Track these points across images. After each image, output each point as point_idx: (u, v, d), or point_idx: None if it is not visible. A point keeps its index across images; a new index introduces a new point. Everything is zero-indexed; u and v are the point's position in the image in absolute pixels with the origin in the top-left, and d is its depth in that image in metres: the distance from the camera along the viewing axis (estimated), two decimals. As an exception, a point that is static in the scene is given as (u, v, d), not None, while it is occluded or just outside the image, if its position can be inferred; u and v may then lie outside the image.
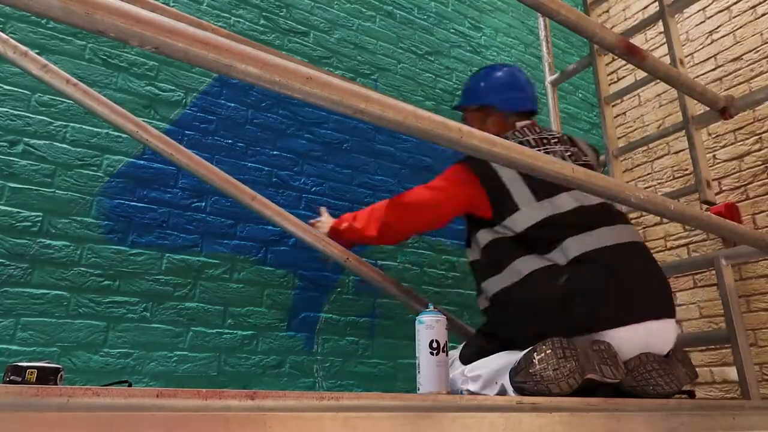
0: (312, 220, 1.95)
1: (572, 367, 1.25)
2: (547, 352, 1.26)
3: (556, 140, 1.78)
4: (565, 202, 1.58)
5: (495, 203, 1.60)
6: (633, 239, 1.57)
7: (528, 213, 1.55)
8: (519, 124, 1.83)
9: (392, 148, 2.74)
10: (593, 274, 1.44)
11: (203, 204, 2.18)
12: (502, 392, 1.36)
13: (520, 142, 1.71)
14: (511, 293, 1.50)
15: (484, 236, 1.64)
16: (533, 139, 1.76)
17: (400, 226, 1.73)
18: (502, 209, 1.58)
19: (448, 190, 1.67)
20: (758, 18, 3.00)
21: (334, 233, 1.86)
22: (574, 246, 1.48)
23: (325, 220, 1.93)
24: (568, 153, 1.75)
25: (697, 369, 1.54)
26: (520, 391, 1.29)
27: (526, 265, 1.50)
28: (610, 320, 1.40)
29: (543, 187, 1.57)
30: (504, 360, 1.41)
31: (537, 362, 1.26)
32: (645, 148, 3.43)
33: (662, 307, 1.50)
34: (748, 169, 2.93)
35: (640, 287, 1.47)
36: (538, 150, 1.69)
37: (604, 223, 1.54)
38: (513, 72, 1.98)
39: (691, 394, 1.62)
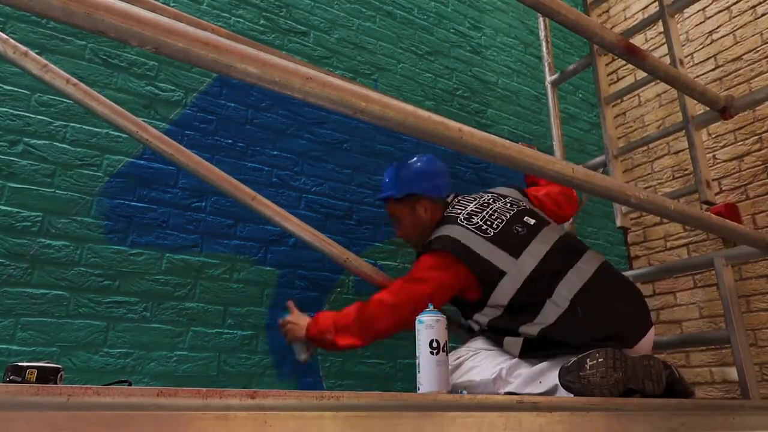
0: (281, 320, 1.78)
1: (618, 377, 1.33)
2: (599, 360, 1.34)
3: (491, 197, 1.87)
4: (539, 249, 1.68)
5: (481, 279, 1.65)
6: (598, 258, 1.72)
7: (508, 280, 1.62)
8: (449, 199, 1.94)
9: (392, 148, 2.74)
10: (594, 304, 1.57)
11: (203, 204, 2.18)
12: (548, 390, 1.43)
13: (467, 215, 1.78)
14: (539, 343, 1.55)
15: (480, 319, 1.70)
16: (472, 209, 1.82)
17: (393, 329, 1.69)
18: (489, 282, 1.63)
19: (434, 279, 1.65)
20: (758, 18, 3.00)
21: (311, 338, 1.69)
22: (566, 291, 1.58)
23: (300, 322, 1.74)
24: (509, 201, 1.85)
25: (697, 369, 1.55)
26: (567, 389, 1.37)
27: (529, 329, 1.56)
28: (628, 337, 1.57)
29: (513, 243, 1.68)
30: (546, 362, 1.49)
31: (588, 367, 1.33)
32: (645, 148, 3.43)
33: (646, 314, 1.67)
34: (748, 169, 2.93)
35: (627, 305, 1.63)
36: (484, 209, 1.80)
37: (576, 258, 1.68)
38: (431, 160, 2.04)
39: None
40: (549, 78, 2.87)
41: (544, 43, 2.95)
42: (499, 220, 1.74)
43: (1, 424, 0.61)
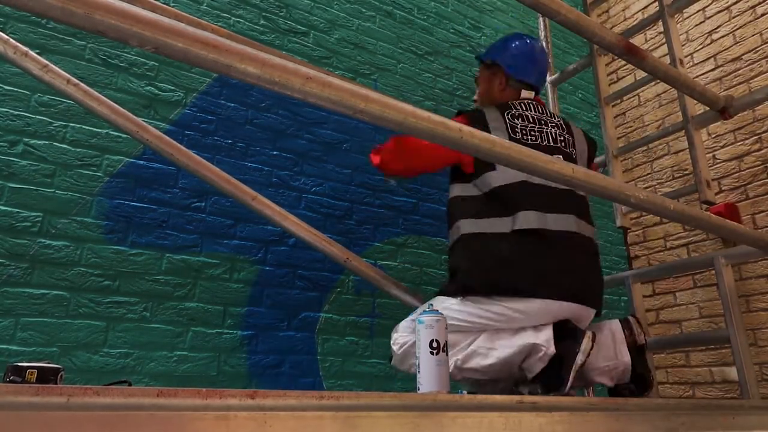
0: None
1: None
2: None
3: (554, 124, 1.82)
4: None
5: (477, 159, 1.67)
6: (579, 231, 1.68)
7: (501, 173, 1.65)
8: (524, 94, 1.89)
9: (392, 148, 2.74)
10: (533, 248, 1.58)
11: (203, 204, 2.18)
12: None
13: (520, 115, 1.77)
14: (467, 244, 1.65)
15: (454, 190, 1.75)
16: (532, 115, 1.80)
17: (403, 162, 1.82)
18: (483, 165, 1.67)
19: None
20: (758, 18, 3.00)
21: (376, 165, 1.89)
22: (526, 219, 1.60)
23: None
24: (561, 138, 1.80)
25: (697, 369, 1.54)
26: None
27: (475, 226, 1.65)
28: (533, 291, 1.55)
29: None
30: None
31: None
32: (645, 148, 3.43)
33: (586, 296, 1.64)
34: (747, 169, 2.93)
35: (568, 272, 1.60)
36: (535, 123, 1.78)
37: (561, 210, 1.65)
38: (534, 45, 2.03)
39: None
40: (549, 78, 2.87)
41: (543, 43, 2.95)
42: (534, 138, 1.74)
43: (1, 425, 0.61)
